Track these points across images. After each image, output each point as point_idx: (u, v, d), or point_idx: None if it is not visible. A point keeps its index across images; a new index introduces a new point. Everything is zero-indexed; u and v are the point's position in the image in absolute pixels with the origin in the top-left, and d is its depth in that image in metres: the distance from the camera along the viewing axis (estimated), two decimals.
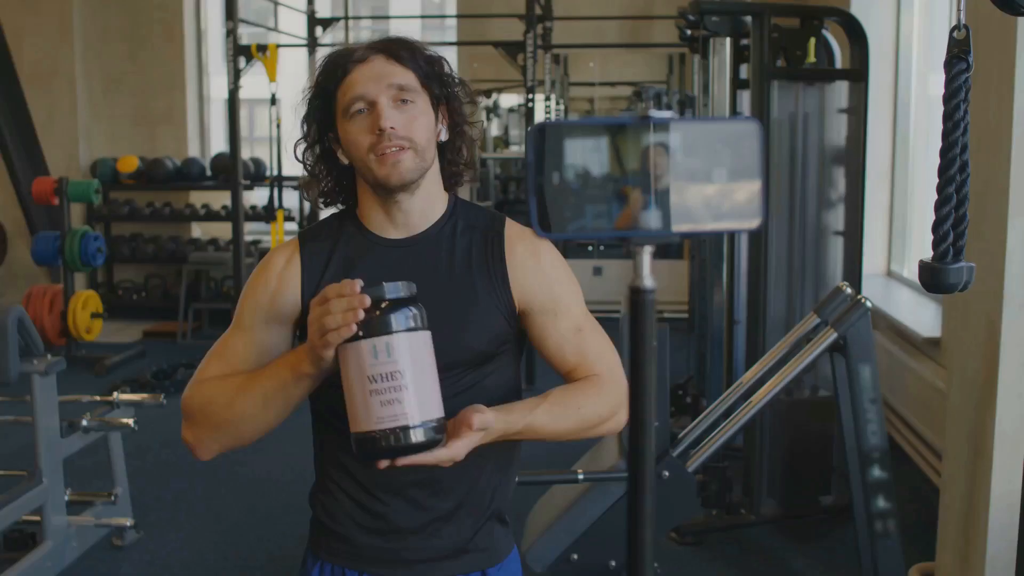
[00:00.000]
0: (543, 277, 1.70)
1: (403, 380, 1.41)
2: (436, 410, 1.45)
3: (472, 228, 1.72)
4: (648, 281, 0.79)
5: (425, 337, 1.46)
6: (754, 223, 0.81)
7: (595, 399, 1.68)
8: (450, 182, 1.75)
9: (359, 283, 1.43)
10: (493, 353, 1.68)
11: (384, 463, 1.47)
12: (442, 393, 1.53)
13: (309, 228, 1.76)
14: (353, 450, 1.47)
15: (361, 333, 1.41)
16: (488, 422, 1.51)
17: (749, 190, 0.80)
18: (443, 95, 1.68)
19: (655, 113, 0.78)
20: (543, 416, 1.62)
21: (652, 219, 0.78)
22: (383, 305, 1.43)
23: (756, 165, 0.81)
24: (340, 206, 1.77)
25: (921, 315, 5.33)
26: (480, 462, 1.68)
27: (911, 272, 6.13)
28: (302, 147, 1.72)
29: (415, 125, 1.62)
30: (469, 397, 1.62)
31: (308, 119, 1.70)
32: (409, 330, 1.43)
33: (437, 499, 1.70)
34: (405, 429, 1.42)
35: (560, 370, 1.74)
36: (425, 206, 1.69)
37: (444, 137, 1.70)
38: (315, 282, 1.67)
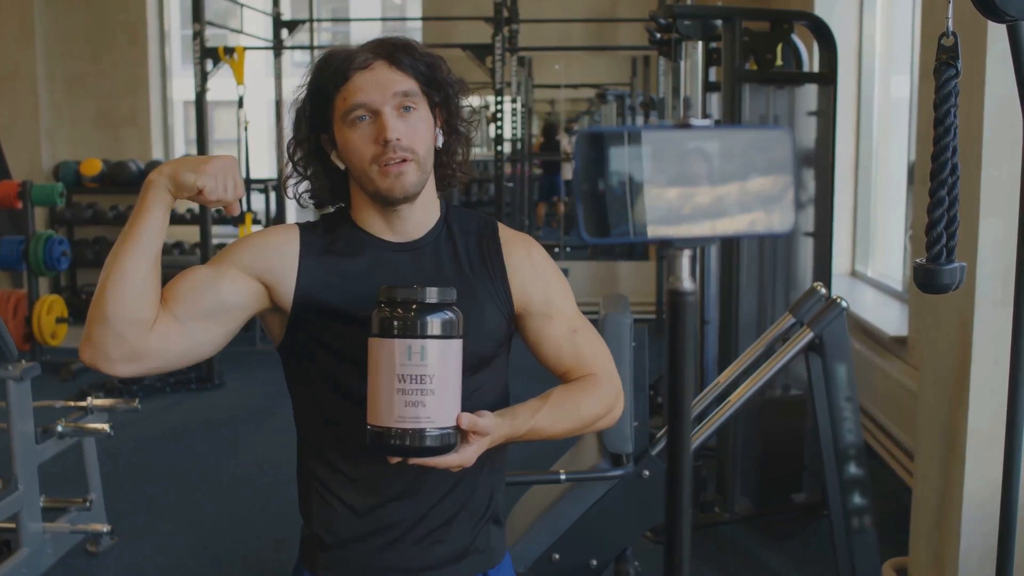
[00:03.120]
0: (540, 280, 1.73)
1: (430, 384, 1.44)
2: (455, 417, 1.49)
3: (467, 232, 1.73)
4: (688, 283, 0.81)
5: (457, 345, 1.48)
6: (787, 225, 0.84)
7: (593, 398, 1.72)
8: (443, 184, 1.74)
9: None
10: (493, 356, 1.70)
11: (395, 459, 1.49)
12: None
13: (304, 222, 1.72)
14: (367, 441, 1.48)
15: (397, 331, 1.44)
16: (487, 427, 1.52)
17: (782, 194, 0.83)
18: (442, 99, 1.67)
19: (695, 121, 0.80)
20: (546, 418, 1.64)
21: (691, 224, 0.81)
22: (422, 307, 1.45)
23: (788, 170, 0.84)
24: (330, 207, 1.75)
25: (887, 314, 5.42)
26: (478, 464, 1.68)
27: (876, 272, 6.23)
28: (293, 147, 1.69)
29: (417, 135, 1.61)
30: (472, 401, 1.61)
31: (300, 119, 1.67)
32: (444, 336, 1.45)
33: (439, 504, 1.68)
34: (423, 432, 1.45)
35: (556, 371, 1.76)
36: (422, 213, 1.69)
37: (440, 142, 1.69)
38: (318, 279, 1.63)
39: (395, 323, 1.44)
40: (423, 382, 1.44)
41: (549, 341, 1.73)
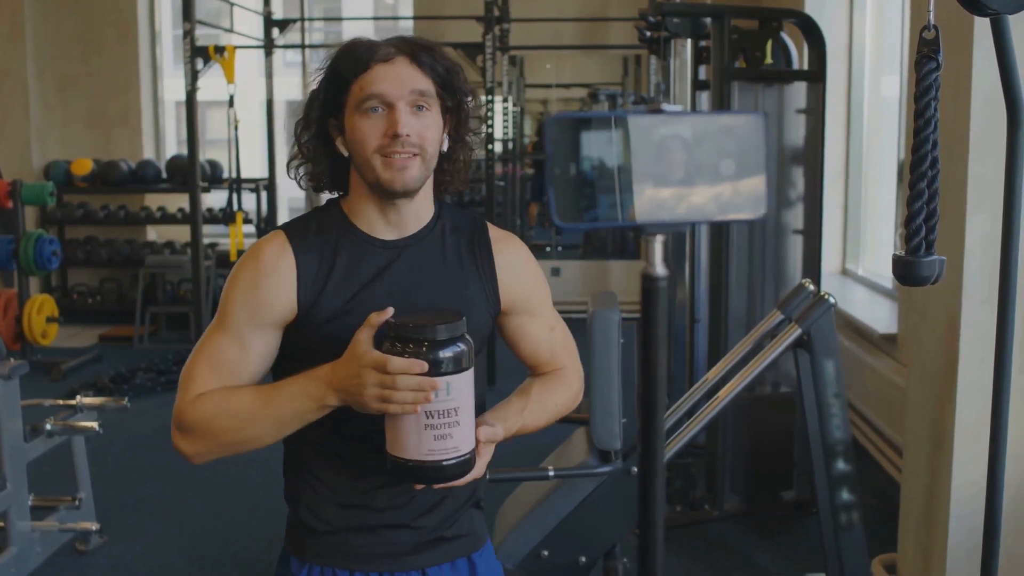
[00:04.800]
0: (526, 279, 1.78)
1: (456, 417, 1.49)
2: (474, 440, 1.55)
3: (458, 230, 1.74)
4: (660, 269, 0.82)
5: (471, 374, 1.52)
6: (759, 212, 0.84)
7: (565, 390, 1.84)
8: (440, 189, 1.75)
9: (425, 366, 1.46)
10: (477, 352, 1.69)
11: (420, 486, 1.59)
12: None
13: (293, 223, 1.72)
14: (389, 469, 1.53)
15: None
16: (495, 435, 1.61)
17: (754, 181, 0.83)
18: (454, 105, 1.68)
19: (667, 107, 0.80)
20: (530, 416, 1.74)
21: (663, 209, 0.81)
22: (441, 343, 1.47)
23: (760, 156, 0.84)
24: (330, 192, 1.76)
25: (877, 312, 5.43)
26: None
27: (866, 270, 6.23)
28: (302, 126, 1.70)
29: (427, 134, 1.62)
30: None
31: (313, 100, 1.68)
32: (464, 370, 1.49)
33: (424, 491, 1.71)
34: (451, 462, 1.51)
35: (529, 363, 1.85)
36: (419, 210, 1.70)
37: (446, 147, 1.70)
38: (315, 287, 1.64)
39: (416, 359, 1.46)
40: (450, 415, 1.48)
41: (529, 338, 1.81)
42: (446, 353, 1.46)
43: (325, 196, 1.78)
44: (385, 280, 1.65)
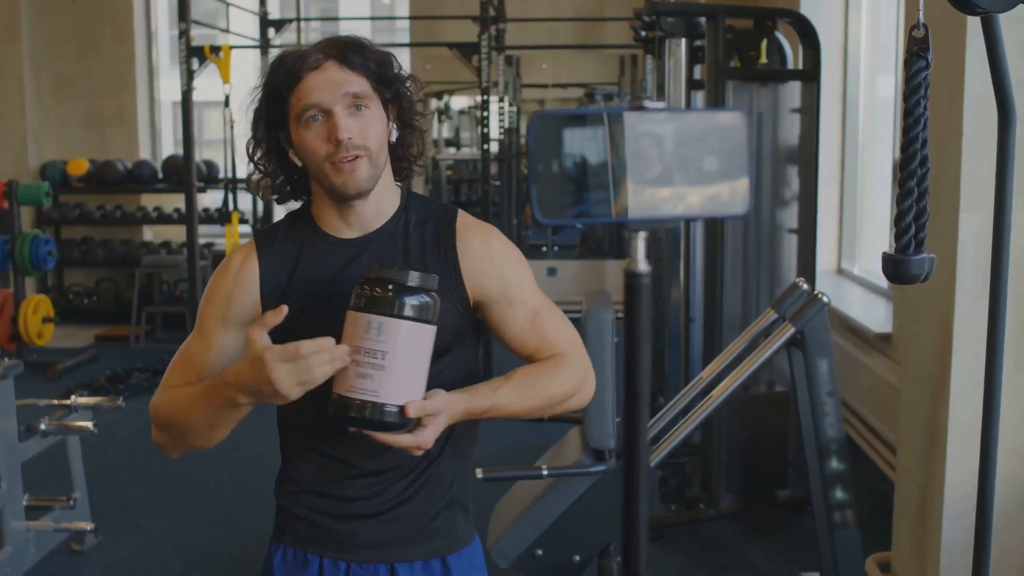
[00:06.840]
0: (495, 267, 1.74)
1: (384, 360, 1.48)
2: (405, 398, 1.51)
3: (424, 222, 1.76)
4: (643, 265, 0.82)
5: (424, 330, 1.51)
6: (742, 208, 0.85)
7: (559, 377, 1.73)
8: (399, 175, 1.79)
9: (332, 342, 1.49)
10: (449, 346, 1.71)
11: (352, 428, 1.54)
12: None
13: (264, 230, 1.79)
14: (328, 408, 1.53)
15: (362, 306, 1.49)
16: (436, 407, 1.55)
17: (737, 177, 0.84)
18: (393, 95, 1.71)
19: (650, 104, 0.81)
20: (507, 396, 1.67)
21: (646, 205, 0.81)
22: (396, 287, 1.49)
23: (743, 154, 0.84)
24: (296, 201, 1.81)
25: (872, 311, 5.43)
26: (438, 447, 1.73)
27: (862, 270, 6.24)
28: (252, 145, 1.74)
29: (369, 132, 1.65)
30: (435, 383, 1.63)
31: (258, 119, 1.71)
32: (410, 319, 1.49)
33: (396, 483, 1.74)
34: (369, 404, 1.49)
35: (522, 354, 1.78)
36: (378, 205, 1.73)
37: (395, 136, 1.73)
38: (277, 286, 1.71)
39: (362, 299, 1.50)
40: (375, 356, 1.48)
41: (511, 325, 1.75)
42: (394, 296, 1.48)
43: None
44: (345, 278, 1.68)
